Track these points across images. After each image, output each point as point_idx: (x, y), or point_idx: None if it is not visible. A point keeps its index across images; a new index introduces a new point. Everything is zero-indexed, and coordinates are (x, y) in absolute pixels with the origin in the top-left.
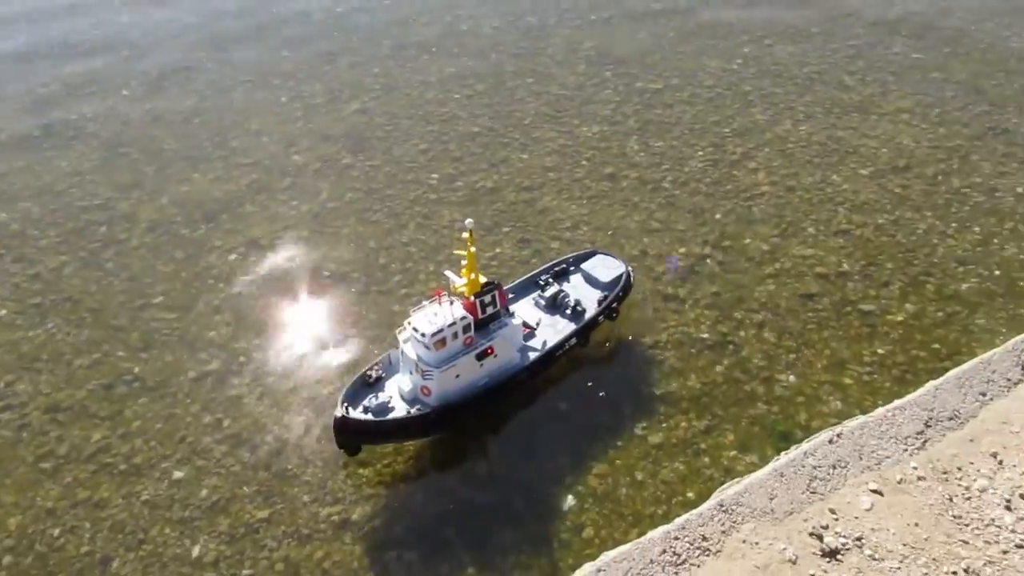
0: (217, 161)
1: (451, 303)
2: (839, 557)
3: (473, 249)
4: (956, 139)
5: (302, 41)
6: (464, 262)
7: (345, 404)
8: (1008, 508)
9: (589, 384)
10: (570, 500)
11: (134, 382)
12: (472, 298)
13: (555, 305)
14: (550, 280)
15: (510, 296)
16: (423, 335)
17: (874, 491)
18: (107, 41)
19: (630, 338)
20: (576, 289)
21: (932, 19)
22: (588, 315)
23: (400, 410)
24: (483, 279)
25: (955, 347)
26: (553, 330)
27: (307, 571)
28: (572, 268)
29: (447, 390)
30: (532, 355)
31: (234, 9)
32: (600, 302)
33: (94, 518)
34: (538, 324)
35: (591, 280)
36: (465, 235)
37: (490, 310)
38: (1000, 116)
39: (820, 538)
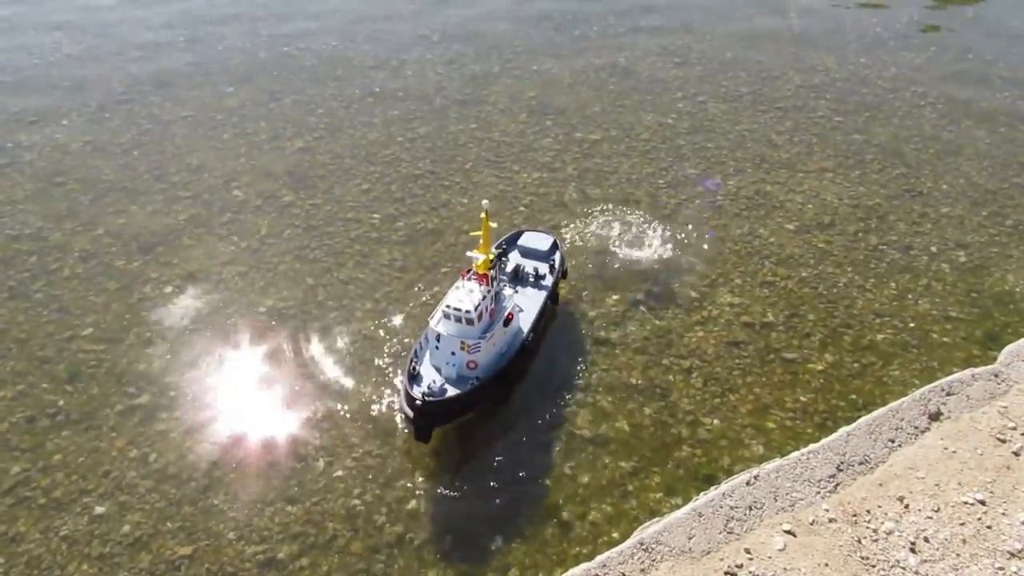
0: (156, 194)
1: (475, 279)
2: None
3: (488, 228)
4: (875, 198)
5: (247, 78)
6: (480, 241)
7: (423, 392)
8: (912, 551)
9: (519, 423)
10: (498, 540)
11: (58, 415)
12: (488, 271)
13: (517, 277)
14: (502, 259)
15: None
16: (467, 311)
17: (787, 532)
18: (48, 71)
19: (561, 379)
20: (522, 262)
21: (853, 86)
22: (550, 278)
23: (457, 388)
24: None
25: (870, 397)
26: (528, 297)
27: None
28: (507, 248)
29: (488, 360)
30: (530, 319)
31: (180, 43)
32: (550, 266)
33: (9, 552)
34: (516, 292)
35: (530, 253)
36: (483, 215)
37: (495, 283)
38: (916, 179)
39: None
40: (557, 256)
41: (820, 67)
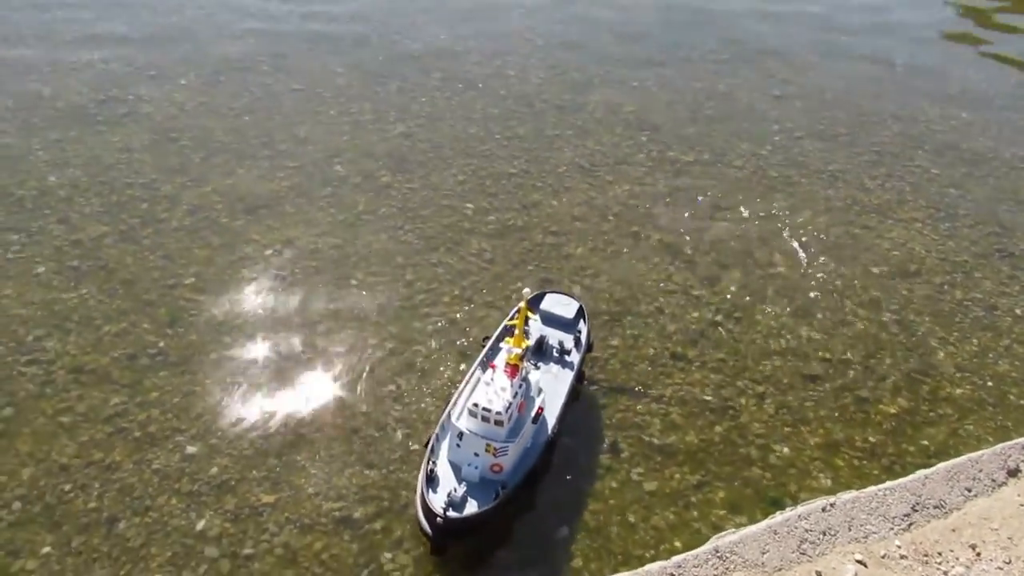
0: (263, 160)
1: (503, 374)
2: None
3: (524, 319)
4: (964, 254)
5: (356, 61)
6: (516, 331)
7: (443, 507)
8: None
9: (591, 425)
10: (563, 530)
11: (157, 356)
12: (519, 363)
13: (541, 351)
14: (526, 330)
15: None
16: (498, 413)
17: (859, 561)
18: (169, 31)
19: (637, 388)
20: (545, 332)
21: (954, 139)
22: (576, 355)
23: (481, 496)
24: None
25: (942, 448)
26: (553, 376)
27: (305, 560)
28: (530, 314)
29: (514, 461)
30: (556, 407)
31: (295, 18)
32: (576, 339)
33: (104, 479)
34: (539, 369)
35: (553, 320)
36: (521, 304)
37: (524, 371)
38: (1009, 240)
39: None
40: (583, 326)
41: (921, 117)
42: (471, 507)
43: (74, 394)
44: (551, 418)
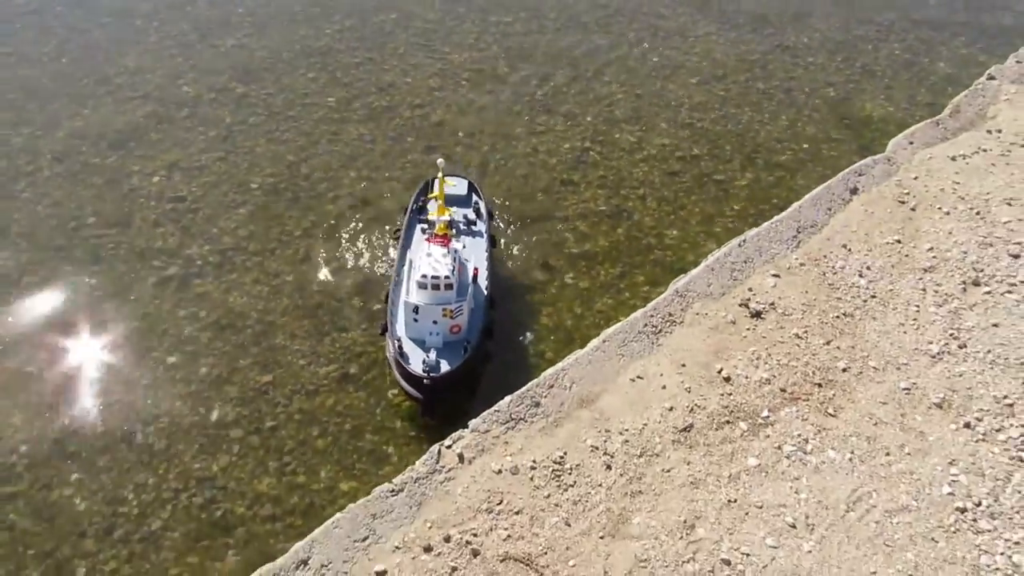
0: (104, 96)
1: (438, 242)
2: (762, 316)
3: (443, 187)
4: (754, 54)
5: None
6: (439, 202)
7: (425, 371)
8: (861, 276)
9: (521, 254)
10: (528, 335)
11: (95, 291)
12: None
13: (451, 228)
14: (424, 213)
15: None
16: (446, 277)
17: (774, 275)
18: None
19: (541, 214)
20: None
21: None
22: (481, 224)
23: (452, 357)
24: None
25: (787, 200)
26: (470, 248)
27: (323, 415)
28: (424, 199)
29: (468, 320)
30: (483, 271)
31: None
32: (477, 212)
33: (100, 406)
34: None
35: (450, 200)
36: (439, 175)
37: (453, 240)
38: (783, 36)
39: (747, 305)
40: (480, 199)
41: None
42: (447, 366)
43: None
44: (483, 280)
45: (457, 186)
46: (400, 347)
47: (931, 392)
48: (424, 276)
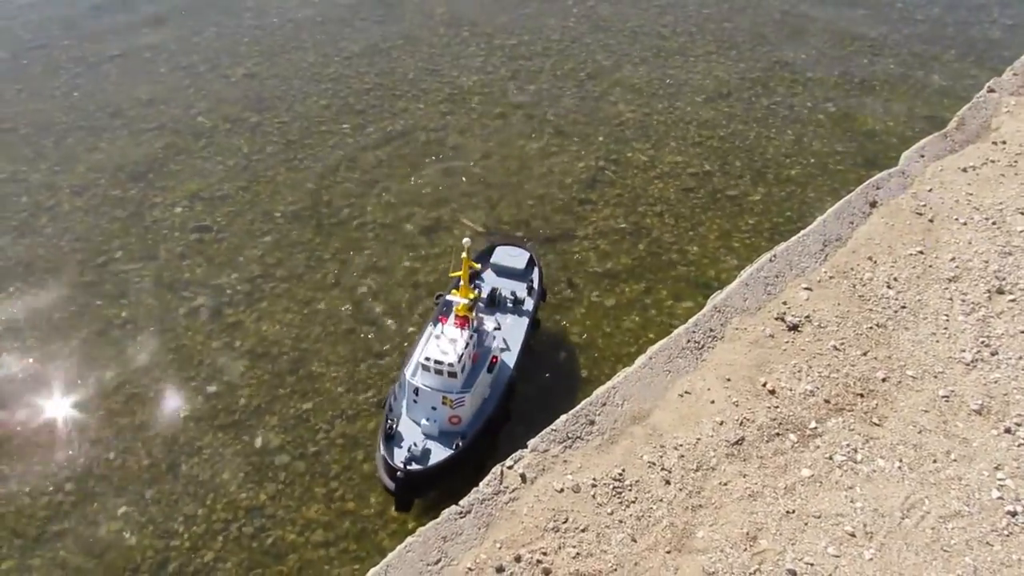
0: (119, 129)
1: (452, 326)
2: (799, 329)
3: (468, 268)
4: (755, 72)
5: (155, 15)
6: (461, 283)
7: (403, 463)
8: (889, 287)
9: (546, 275)
10: (562, 355)
11: (126, 324)
12: (468, 314)
13: (494, 303)
14: (475, 283)
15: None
16: (450, 365)
17: (806, 288)
18: None
19: (564, 234)
20: (497, 283)
21: None
22: (530, 304)
23: (441, 449)
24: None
25: (800, 213)
26: (508, 327)
27: (366, 439)
28: (480, 266)
29: (473, 411)
30: (512, 357)
31: None
32: (529, 289)
33: (143, 439)
34: (499, 326)
35: (505, 271)
36: (463, 254)
37: (475, 323)
38: (781, 53)
39: (783, 319)
40: (535, 275)
41: None
42: (431, 460)
43: None
44: (510, 361)
45: (516, 258)
46: (391, 427)
47: (969, 399)
48: (428, 359)
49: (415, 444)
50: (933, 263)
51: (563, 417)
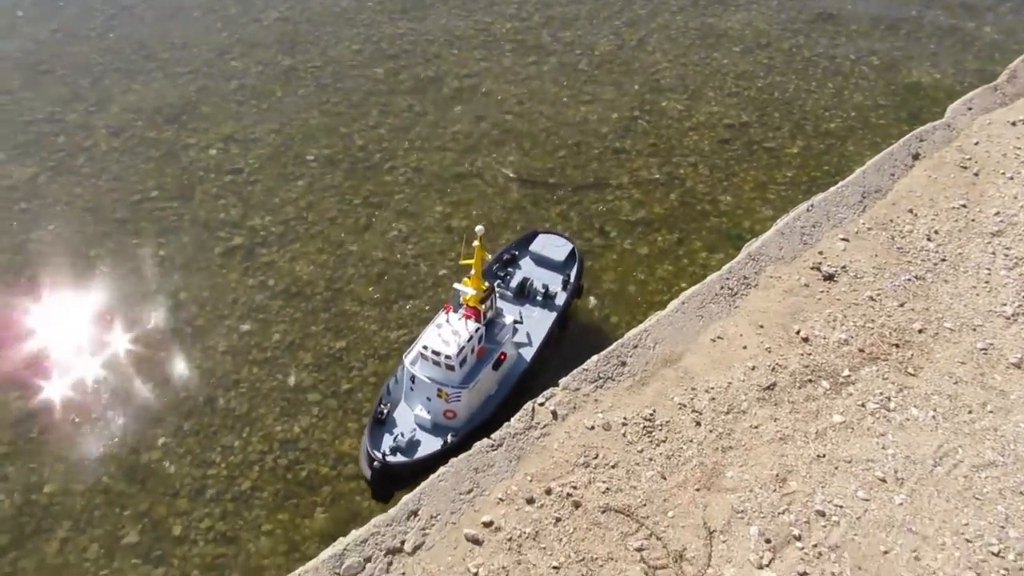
0: (154, 71)
1: (460, 316)
2: (835, 279)
3: (481, 257)
4: (797, 23)
5: None
6: (472, 272)
7: (382, 452)
8: (929, 240)
9: (579, 220)
10: (592, 300)
11: (164, 262)
12: (478, 306)
13: (523, 294)
14: (509, 270)
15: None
16: (448, 357)
17: (843, 239)
18: None
19: (598, 183)
20: (532, 273)
21: None
22: (561, 300)
23: (430, 441)
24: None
25: (839, 167)
26: (533, 321)
27: None
28: (518, 253)
29: (470, 409)
30: (528, 353)
31: None
32: (564, 283)
33: (179, 373)
34: (521, 319)
35: (543, 261)
36: (475, 243)
37: (490, 314)
38: (824, 3)
39: (819, 269)
40: (574, 269)
41: None
42: (417, 452)
43: None
44: (528, 356)
45: (558, 249)
46: (382, 411)
47: (1008, 352)
48: (426, 348)
49: (403, 434)
50: (976, 217)
51: (594, 357)
